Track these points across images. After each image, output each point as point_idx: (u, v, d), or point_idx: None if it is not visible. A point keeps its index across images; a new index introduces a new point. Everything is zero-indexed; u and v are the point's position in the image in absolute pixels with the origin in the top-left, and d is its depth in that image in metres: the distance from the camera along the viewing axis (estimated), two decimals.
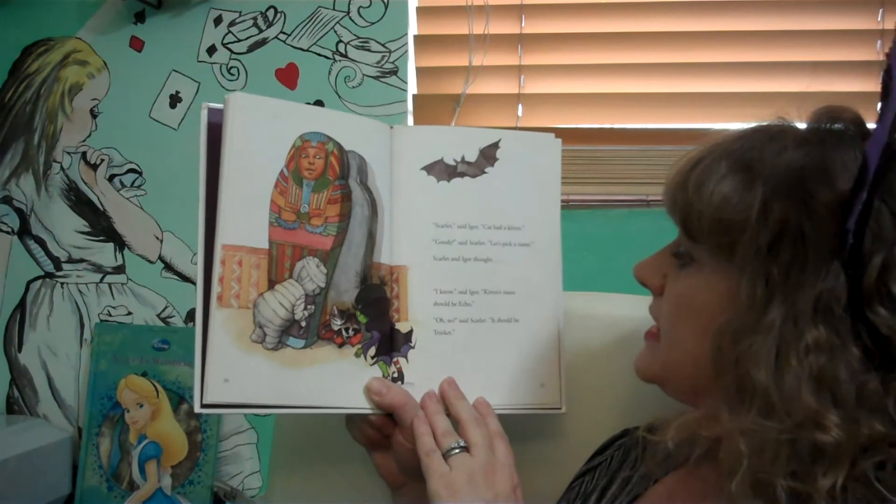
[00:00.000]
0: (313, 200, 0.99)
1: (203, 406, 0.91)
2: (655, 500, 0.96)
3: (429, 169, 1.07)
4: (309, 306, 0.97)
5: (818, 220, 0.75)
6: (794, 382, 0.73)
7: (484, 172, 1.09)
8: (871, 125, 0.78)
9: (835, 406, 0.72)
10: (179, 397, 1.97)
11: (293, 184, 0.98)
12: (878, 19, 1.85)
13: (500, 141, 1.11)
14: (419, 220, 1.06)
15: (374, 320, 1.02)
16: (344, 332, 0.99)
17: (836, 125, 0.82)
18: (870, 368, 0.73)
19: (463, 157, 1.09)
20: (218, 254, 0.93)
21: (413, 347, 1.03)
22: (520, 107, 1.96)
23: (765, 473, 0.73)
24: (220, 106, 0.96)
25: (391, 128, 1.07)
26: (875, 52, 1.82)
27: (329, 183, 1.00)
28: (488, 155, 1.10)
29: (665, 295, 0.91)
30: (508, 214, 1.10)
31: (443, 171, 1.08)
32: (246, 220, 0.95)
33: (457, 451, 0.94)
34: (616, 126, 1.92)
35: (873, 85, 1.79)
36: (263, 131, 0.97)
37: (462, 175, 1.08)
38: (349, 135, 1.03)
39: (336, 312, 0.99)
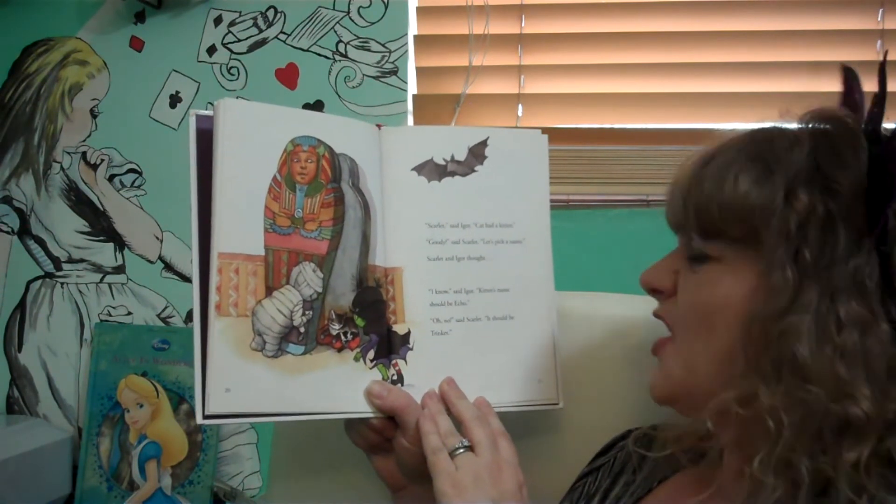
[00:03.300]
0: (307, 205, 0.99)
1: (206, 417, 0.91)
2: (659, 501, 0.97)
3: (419, 169, 1.08)
4: (307, 312, 0.97)
5: (844, 202, 0.76)
6: (829, 356, 0.73)
7: (474, 171, 1.10)
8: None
9: (867, 381, 0.72)
10: (179, 397, 1.98)
11: (286, 189, 0.98)
12: (878, 19, 1.84)
13: (488, 139, 1.11)
14: (412, 221, 1.06)
15: (372, 323, 1.02)
16: (342, 337, 0.99)
17: (832, 123, 0.83)
18: None
19: (452, 157, 1.09)
20: (214, 263, 0.93)
21: (411, 349, 1.04)
22: (520, 107, 1.95)
23: (790, 451, 0.74)
24: (208, 113, 0.96)
25: (379, 128, 1.07)
26: (875, 52, 1.81)
27: (322, 187, 1.00)
28: (477, 153, 1.10)
29: (681, 293, 0.89)
30: (499, 212, 1.10)
31: (433, 170, 1.08)
32: (241, 228, 0.95)
33: (461, 450, 0.94)
34: (616, 126, 1.92)
35: (873, 85, 1.78)
36: (255, 137, 0.97)
37: (452, 174, 1.09)
38: (339, 137, 1.02)
39: (334, 317, 0.99)
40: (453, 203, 1.08)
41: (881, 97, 0.82)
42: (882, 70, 0.83)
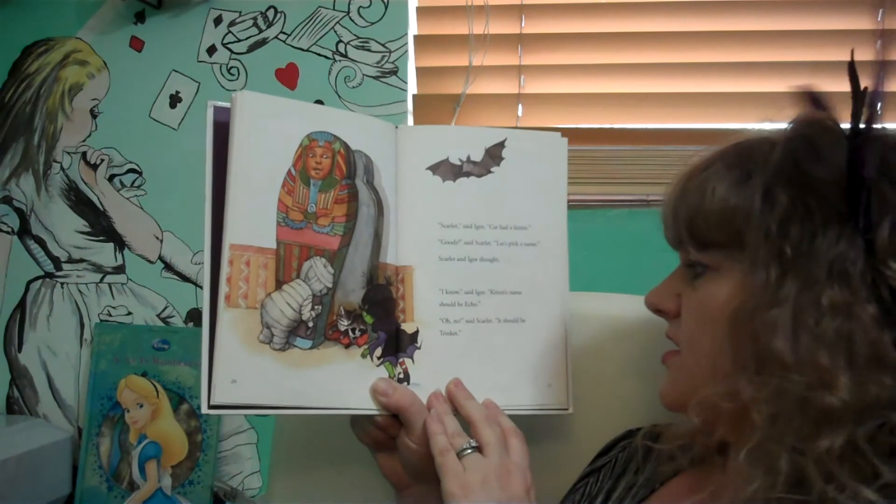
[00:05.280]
0: (320, 200, 0.99)
1: (210, 407, 0.91)
2: (662, 502, 0.97)
3: (434, 169, 1.07)
4: (316, 307, 0.97)
5: (822, 195, 0.77)
6: (809, 345, 0.74)
7: (490, 172, 1.09)
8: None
9: (848, 366, 0.73)
10: (179, 397, 1.97)
11: (300, 183, 0.98)
12: (878, 19, 1.85)
13: (505, 140, 1.10)
14: (425, 221, 1.06)
15: (381, 321, 1.02)
16: (350, 333, 0.99)
17: (813, 124, 0.83)
18: (883, 326, 0.74)
19: (468, 157, 1.09)
20: (226, 254, 0.93)
21: (419, 348, 1.03)
22: (520, 107, 1.96)
23: (772, 442, 0.74)
24: (226, 105, 0.96)
25: (396, 127, 1.07)
26: (875, 52, 1.82)
27: (336, 182, 1.00)
28: (494, 154, 1.10)
29: (684, 311, 0.90)
30: (514, 214, 1.10)
31: (448, 170, 1.08)
32: (254, 220, 0.95)
33: (469, 451, 0.94)
34: (616, 126, 1.93)
35: (873, 85, 1.79)
36: (271, 130, 0.97)
37: (468, 175, 1.08)
38: (355, 134, 1.02)
39: (343, 313, 0.99)
40: (467, 204, 1.08)
41: (855, 94, 0.82)
42: (851, 68, 0.83)
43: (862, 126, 0.80)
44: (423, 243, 1.06)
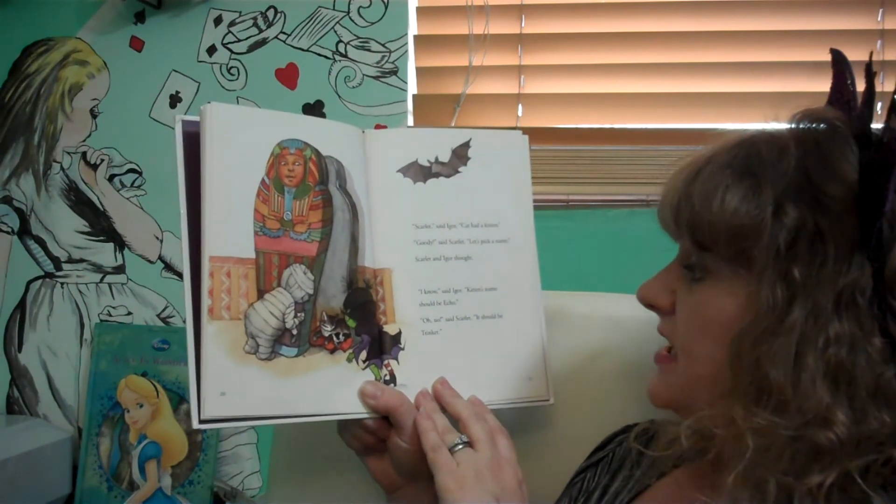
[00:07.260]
0: (296, 207, 0.98)
1: (202, 422, 0.90)
2: (658, 497, 0.96)
3: (405, 171, 1.08)
4: (299, 314, 0.97)
5: (834, 216, 0.75)
6: (810, 379, 0.73)
7: (458, 172, 1.10)
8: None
9: (848, 400, 0.72)
10: (179, 397, 1.98)
11: (275, 191, 0.97)
12: (878, 19, 1.84)
13: (470, 140, 1.11)
14: (398, 223, 1.07)
15: (363, 324, 1.02)
16: (335, 338, 0.99)
17: (821, 125, 0.81)
18: (888, 360, 0.72)
19: (436, 158, 1.10)
20: (206, 266, 0.92)
21: (402, 349, 1.03)
22: (520, 107, 1.96)
23: (763, 469, 0.73)
24: (195, 118, 0.96)
25: (363, 132, 1.08)
26: (875, 53, 1.81)
27: (310, 189, 1.00)
28: (460, 154, 1.11)
29: (679, 311, 0.89)
30: (484, 212, 1.11)
31: (418, 172, 1.08)
32: (231, 231, 0.94)
33: (460, 446, 0.94)
34: (616, 126, 1.92)
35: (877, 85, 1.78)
36: (242, 140, 0.97)
37: (437, 175, 1.09)
38: (325, 140, 1.03)
39: (326, 318, 0.99)
40: (439, 204, 1.09)
41: (869, 97, 0.81)
42: (869, 69, 0.81)
43: (873, 132, 0.78)
44: (398, 245, 1.06)
